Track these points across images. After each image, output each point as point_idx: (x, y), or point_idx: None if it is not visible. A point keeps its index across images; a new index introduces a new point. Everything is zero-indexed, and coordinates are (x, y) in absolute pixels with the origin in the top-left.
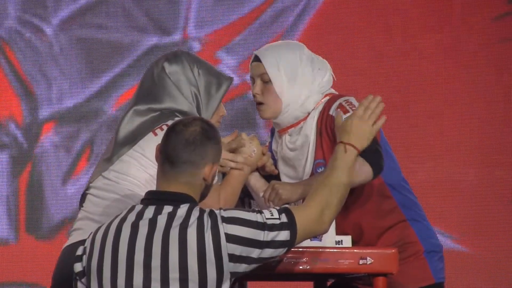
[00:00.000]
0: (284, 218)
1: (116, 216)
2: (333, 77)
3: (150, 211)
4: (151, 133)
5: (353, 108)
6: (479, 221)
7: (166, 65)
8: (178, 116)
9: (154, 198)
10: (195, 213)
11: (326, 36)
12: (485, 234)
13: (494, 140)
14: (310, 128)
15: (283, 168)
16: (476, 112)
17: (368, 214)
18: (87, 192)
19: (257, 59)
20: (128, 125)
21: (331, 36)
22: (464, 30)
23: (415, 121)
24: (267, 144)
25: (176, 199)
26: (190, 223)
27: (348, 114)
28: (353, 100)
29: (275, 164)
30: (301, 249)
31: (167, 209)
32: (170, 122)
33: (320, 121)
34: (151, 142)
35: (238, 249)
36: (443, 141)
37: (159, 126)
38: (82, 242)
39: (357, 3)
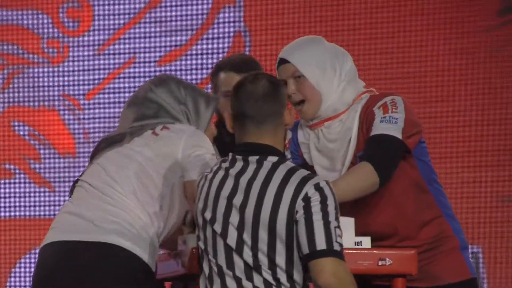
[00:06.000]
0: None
1: (216, 165)
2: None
3: (253, 160)
4: (150, 131)
5: (394, 109)
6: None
7: (153, 88)
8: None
9: (249, 150)
10: (299, 173)
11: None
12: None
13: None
14: (353, 120)
15: (317, 159)
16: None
17: (407, 208)
18: (76, 185)
19: (283, 61)
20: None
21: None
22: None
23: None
24: (288, 141)
25: (271, 153)
26: (291, 181)
27: (387, 115)
28: (398, 99)
29: (301, 158)
30: None
31: (270, 160)
32: (169, 125)
33: (363, 115)
34: (151, 140)
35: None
36: (442, 141)
37: (159, 127)
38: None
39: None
